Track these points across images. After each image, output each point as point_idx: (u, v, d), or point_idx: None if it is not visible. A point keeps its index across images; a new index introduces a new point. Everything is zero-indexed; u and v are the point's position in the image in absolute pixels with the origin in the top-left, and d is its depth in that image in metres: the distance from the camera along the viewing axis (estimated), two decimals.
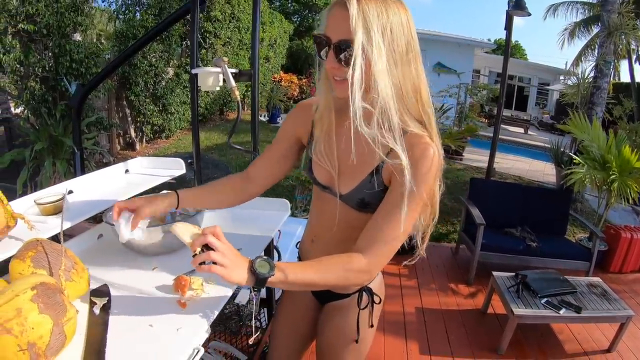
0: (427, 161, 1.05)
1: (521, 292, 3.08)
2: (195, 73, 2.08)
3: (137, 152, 8.14)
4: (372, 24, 0.95)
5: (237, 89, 1.96)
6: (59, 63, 5.77)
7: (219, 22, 9.83)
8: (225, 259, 0.98)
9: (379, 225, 1.08)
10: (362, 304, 1.33)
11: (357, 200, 1.16)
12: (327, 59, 1.03)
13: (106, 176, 1.91)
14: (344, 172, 1.19)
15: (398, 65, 1.02)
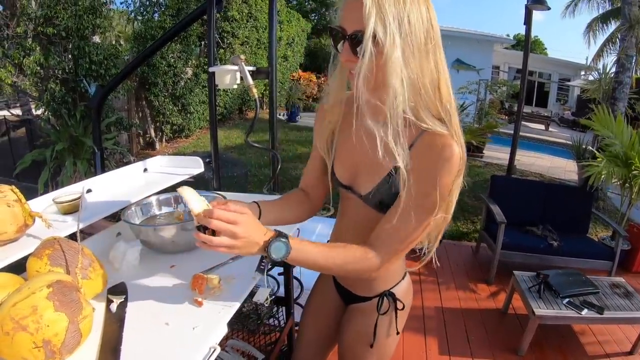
0: (445, 163, 1.00)
1: (542, 292, 3.02)
2: (212, 71, 2.08)
3: (157, 151, 8.24)
4: (387, 11, 0.89)
5: (255, 87, 1.95)
6: (79, 65, 5.86)
7: (236, 22, 9.89)
8: (232, 245, 0.94)
9: (395, 225, 1.05)
10: (382, 309, 1.29)
11: (376, 201, 1.13)
12: (342, 52, 0.99)
13: (125, 175, 1.92)
14: (363, 171, 1.15)
15: (415, 57, 0.95)
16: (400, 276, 1.34)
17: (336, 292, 1.45)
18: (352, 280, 1.35)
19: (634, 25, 5.96)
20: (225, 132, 9.84)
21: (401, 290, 1.33)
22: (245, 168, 4.98)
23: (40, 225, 1.31)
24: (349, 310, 1.40)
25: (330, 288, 1.47)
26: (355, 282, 1.34)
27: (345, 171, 1.19)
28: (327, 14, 21.71)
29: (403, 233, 1.06)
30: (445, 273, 4.06)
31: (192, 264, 1.36)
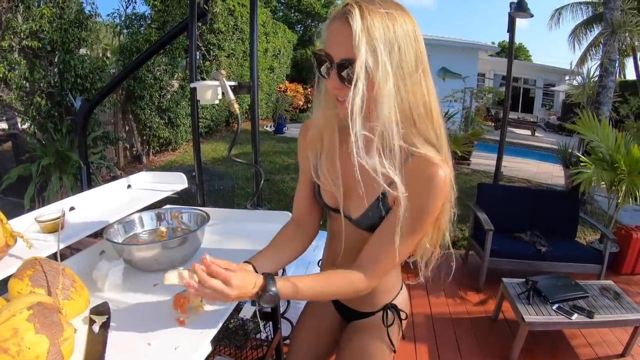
0: (435, 188, 1.01)
1: (532, 299, 3.03)
2: (193, 87, 2.08)
3: (144, 165, 8.18)
4: (377, 41, 0.87)
5: (237, 102, 1.95)
6: (64, 78, 5.83)
7: (222, 34, 9.91)
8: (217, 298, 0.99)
9: (383, 245, 1.07)
10: (388, 321, 1.32)
11: (368, 225, 1.13)
12: (329, 79, 0.96)
13: (108, 192, 1.90)
14: (352, 195, 1.14)
15: (407, 84, 0.94)
16: (399, 287, 1.38)
17: (334, 311, 1.46)
18: (355, 299, 1.34)
19: (616, 30, 6.05)
20: (212, 145, 9.81)
21: (402, 301, 1.38)
22: (232, 181, 4.96)
23: (22, 245, 1.30)
24: (351, 327, 1.41)
25: (326, 307, 1.48)
26: (358, 299, 1.33)
27: (332, 195, 1.18)
28: (313, 25, 21.85)
29: (392, 253, 1.06)
30: (434, 280, 4.04)
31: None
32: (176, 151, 9.20)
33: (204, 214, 1.60)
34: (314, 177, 1.20)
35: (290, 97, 14.13)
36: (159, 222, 1.65)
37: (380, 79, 0.88)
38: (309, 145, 1.22)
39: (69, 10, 5.94)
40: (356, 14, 0.87)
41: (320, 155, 1.18)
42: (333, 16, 0.94)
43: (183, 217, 1.66)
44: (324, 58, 0.96)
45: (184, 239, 1.42)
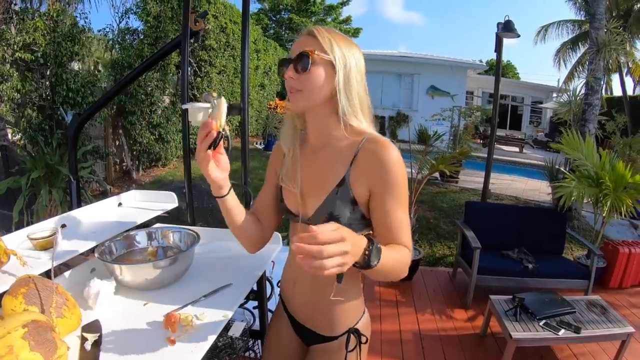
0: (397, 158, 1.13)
1: (519, 315, 3.05)
2: (185, 108, 2.11)
3: (134, 180, 8.15)
4: (340, 44, 1.13)
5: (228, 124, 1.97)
6: (56, 92, 5.83)
7: (214, 51, 9.95)
8: (345, 250, 0.84)
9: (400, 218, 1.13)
10: (350, 346, 1.29)
11: (324, 217, 1.17)
12: (287, 72, 1.14)
13: (99, 209, 1.92)
14: (308, 194, 1.23)
15: (359, 82, 1.17)
16: (362, 311, 1.36)
17: (294, 335, 1.42)
18: (318, 321, 1.33)
19: (602, 48, 6.17)
20: None
21: (364, 325, 1.34)
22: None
23: (15, 262, 1.31)
24: (312, 351, 1.38)
25: (286, 331, 1.44)
26: (321, 322, 1.32)
27: (293, 196, 1.26)
28: None
29: (406, 221, 1.15)
30: (422, 299, 4.08)
31: (166, 300, 1.37)
32: (166, 167, 9.18)
33: (194, 233, 1.63)
34: (279, 181, 1.32)
35: (281, 114, 14.18)
36: (150, 241, 1.67)
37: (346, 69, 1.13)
38: (278, 162, 1.36)
39: (62, 23, 5.97)
40: (320, 30, 1.13)
41: (285, 159, 1.31)
42: (299, 36, 1.18)
43: (173, 237, 1.69)
44: (286, 61, 1.15)
45: (175, 259, 1.44)
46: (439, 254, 5.23)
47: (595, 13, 6.43)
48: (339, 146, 1.20)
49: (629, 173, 4.11)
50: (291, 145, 1.28)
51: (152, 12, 8.12)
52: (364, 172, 1.14)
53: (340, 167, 1.17)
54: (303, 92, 1.13)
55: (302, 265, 0.80)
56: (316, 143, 1.25)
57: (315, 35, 1.12)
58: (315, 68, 1.11)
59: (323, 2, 22.80)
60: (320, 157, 1.22)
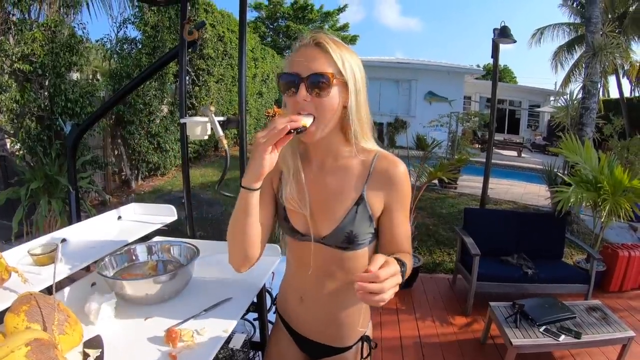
0: (405, 175, 1.18)
1: (519, 322, 3.05)
2: (183, 122, 2.12)
3: (133, 190, 8.15)
4: (347, 59, 1.07)
5: (225, 138, 1.99)
6: (54, 102, 5.84)
7: (211, 60, 9.97)
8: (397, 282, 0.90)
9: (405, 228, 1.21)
10: (364, 353, 1.33)
11: (343, 236, 1.17)
12: (297, 93, 1.05)
13: (99, 223, 1.93)
14: (319, 214, 1.20)
15: (364, 98, 1.14)
16: (369, 317, 1.39)
17: (298, 351, 1.41)
18: (329, 334, 1.32)
19: (598, 52, 6.20)
20: (200, 170, 9.81)
21: (370, 331, 1.39)
22: (221, 207, 4.96)
23: (16, 279, 1.32)
24: None
25: (288, 347, 1.42)
26: (333, 334, 1.32)
27: (302, 217, 1.21)
28: None
29: (409, 228, 1.24)
30: (422, 306, 4.08)
31: (166, 315, 1.38)
32: (165, 176, 9.18)
33: (194, 247, 1.64)
34: (281, 200, 1.25)
35: None
36: (150, 255, 1.68)
37: (358, 90, 1.10)
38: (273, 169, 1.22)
39: (60, 34, 5.99)
40: (328, 41, 1.06)
41: (284, 178, 1.24)
42: (299, 44, 1.10)
43: (173, 250, 1.70)
44: (294, 77, 1.06)
45: (175, 274, 1.45)
46: (439, 260, 5.23)
47: (590, 17, 6.45)
48: (349, 164, 1.19)
49: (627, 177, 4.12)
50: (293, 165, 1.22)
51: (150, 21, 8.15)
52: (379, 189, 1.17)
53: (354, 185, 1.18)
54: (318, 119, 1.07)
55: (361, 300, 0.87)
56: (322, 161, 1.22)
57: (328, 51, 1.05)
58: (332, 91, 1.06)
59: (320, 9, 22.91)
60: (328, 176, 1.20)
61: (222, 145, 1.95)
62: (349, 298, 1.25)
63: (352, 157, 1.19)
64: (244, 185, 1.06)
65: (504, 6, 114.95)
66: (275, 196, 1.28)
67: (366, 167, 1.18)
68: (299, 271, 1.31)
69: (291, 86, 1.07)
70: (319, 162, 1.23)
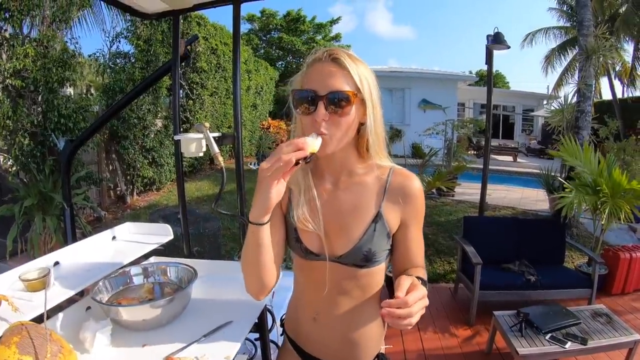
0: (420, 190, 1.17)
1: (524, 330, 3.01)
2: (177, 139, 2.07)
3: (128, 205, 8.09)
4: (363, 75, 1.04)
5: (221, 154, 1.94)
6: (47, 118, 5.79)
7: (205, 73, 9.97)
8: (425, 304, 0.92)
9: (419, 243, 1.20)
10: None
11: (362, 255, 1.14)
12: (316, 112, 1.01)
13: (93, 244, 1.87)
14: (335, 233, 1.16)
15: (380, 112, 1.11)
16: (384, 334, 1.36)
17: None
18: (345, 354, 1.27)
19: (591, 55, 6.21)
20: (196, 184, 9.76)
21: (383, 348, 1.37)
22: (218, 222, 4.90)
23: (6, 307, 1.26)
24: None
25: None
26: (349, 354, 1.27)
27: (315, 237, 1.17)
28: (293, 61, 22.13)
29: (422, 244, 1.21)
30: (424, 317, 3.98)
31: (165, 341, 1.33)
32: (160, 191, 9.12)
33: (191, 269, 1.58)
34: (292, 220, 1.19)
35: (273, 133, 14.23)
36: (146, 277, 1.62)
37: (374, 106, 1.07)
38: None
39: (53, 49, 5.95)
40: (345, 57, 1.03)
41: (294, 198, 1.19)
42: (314, 59, 1.07)
43: (170, 272, 1.64)
44: (310, 94, 1.02)
45: (173, 298, 1.40)
46: (440, 270, 5.17)
47: (582, 20, 6.48)
48: (364, 181, 1.17)
49: (625, 179, 4.11)
50: (304, 183, 1.18)
51: (143, 35, 8.14)
52: (396, 205, 1.15)
53: (371, 202, 1.15)
54: (335, 135, 1.04)
55: (389, 323, 0.89)
56: (336, 178, 1.19)
57: (345, 67, 1.02)
58: (351, 109, 1.04)
59: (313, 20, 22.97)
60: (343, 193, 1.18)
61: (218, 163, 1.91)
62: (364, 315, 1.22)
63: (367, 173, 1.17)
64: (252, 220, 1.01)
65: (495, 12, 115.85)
66: (285, 216, 1.22)
67: (382, 183, 1.16)
68: (311, 290, 1.25)
69: (307, 104, 1.03)
70: (333, 178, 1.19)
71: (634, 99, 14.31)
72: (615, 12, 13.18)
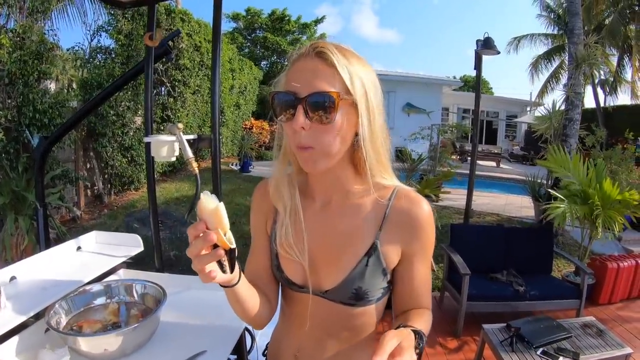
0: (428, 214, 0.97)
1: (515, 345, 2.91)
2: (148, 142, 1.88)
3: (106, 205, 7.85)
4: (356, 71, 0.84)
5: (195, 161, 1.76)
6: (22, 113, 5.56)
7: (187, 70, 9.74)
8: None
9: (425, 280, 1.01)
10: None
11: (350, 292, 0.96)
12: (294, 119, 0.82)
13: (55, 256, 1.68)
14: (321, 263, 0.99)
15: (379, 119, 0.91)
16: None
17: None
18: None
19: (581, 63, 6.18)
20: (176, 185, 9.50)
21: None
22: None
23: None
24: None
25: None
26: None
27: (298, 266, 0.99)
28: (278, 61, 21.96)
29: (430, 279, 1.02)
30: None
31: None
32: (139, 190, 8.86)
33: (161, 289, 1.40)
34: (273, 245, 1.03)
35: (256, 134, 14.05)
36: (110, 298, 1.43)
37: (370, 112, 0.87)
38: (267, 207, 1.06)
39: (29, 41, 5.71)
40: (332, 50, 0.83)
41: (279, 219, 1.02)
42: (298, 55, 0.88)
43: (136, 290, 1.46)
44: (289, 97, 0.84)
45: (138, 326, 1.22)
46: None
47: (573, 28, 6.47)
48: (361, 204, 0.98)
49: (616, 190, 4.09)
50: (289, 202, 0.99)
51: (124, 29, 7.92)
52: (397, 236, 0.96)
53: (365, 230, 0.96)
54: (320, 149, 0.85)
55: None
56: (327, 199, 1.00)
57: (332, 63, 0.82)
58: (337, 115, 0.82)
59: (298, 20, 22.81)
60: (333, 217, 0.99)
61: (192, 169, 1.73)
62: (353, 356, 1.02)
63: (364, 194, 0.97)
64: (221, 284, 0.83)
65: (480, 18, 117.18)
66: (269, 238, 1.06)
67: (382, 207, 0.97)
68: (293, 324, 1.08)
69: (287, 109, 0.85)
70: (324, 199, 1.00)
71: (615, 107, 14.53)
72: (601, 22, 13.36)
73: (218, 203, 0.71)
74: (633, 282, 4.51)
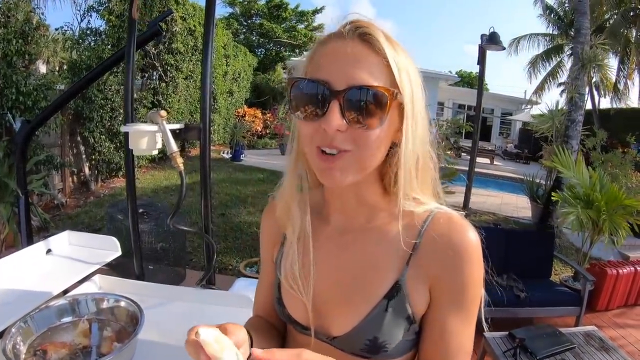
0: (477, 244, 0.76)
1: (518, 356, 2.79)
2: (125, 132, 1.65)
3: (92, 192, 7.62)
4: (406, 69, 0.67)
5: (179, 157, 1.53)
6: (4, 95, 5.31)
7: (180, 55, 9.47)
8: None
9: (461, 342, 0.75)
10: None
11: (363, 344, 0.74)
12: (325, 117, 0.64)
13: (21, 262, 1.45)
14: (332, 302, 0.79)
15: (426, 122, 0.73)
16: None
17: None
18: None
19: (586, 64, 6.04)
20: (165, 173, 9.26)
21: None
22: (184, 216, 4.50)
23: None
24: None
25: None
26: None
27: (302, 304, 0.79)
28: (274, 49, 21.67)
29: (469, 344, 0.77)
30: None
31: None
32: None
33: (136, 307, 1.18)
34: (277, 273, 0.84)
35: (249, 122, 13.83)
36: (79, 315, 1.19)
37: (416, 117, 0.69)
38: (275, 230, 0.87)
39: (15, 19, 5.45)
40: (380, 35, 0.65)
41: (286, 245, 0.83)
42: (330, 35, 0.69)
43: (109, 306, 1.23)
44: (318, 88, 0.65)
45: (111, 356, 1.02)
46: None
47: (580, 27, 6.35)
48: (385, 230, 0.76)
49: (622, 195, 4.03)
50: (300, 223, 0.79)
51: (115, 10, 7.65)
52: (428, 272, 0.73)
53: (389, 264, 0.74)
54: (356, 158, 0.67)
55: None
56: (346, 221, 0.80)
57: (381, 50, 0.65)
58: (386, 118, 0.66)
59: (296, 8, 22.48)
60: (350, 246, 0.78)
61: (176, 166, 1.51)
62: None
63: (392, 219, 0.76)
64: None
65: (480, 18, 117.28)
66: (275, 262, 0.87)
67: (412, 235, 0.74)
68: None
69: (314, 103, 0.66)
70: (341, 222, 0.81)
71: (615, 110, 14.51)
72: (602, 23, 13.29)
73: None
74: (631, 289, 4.46)
